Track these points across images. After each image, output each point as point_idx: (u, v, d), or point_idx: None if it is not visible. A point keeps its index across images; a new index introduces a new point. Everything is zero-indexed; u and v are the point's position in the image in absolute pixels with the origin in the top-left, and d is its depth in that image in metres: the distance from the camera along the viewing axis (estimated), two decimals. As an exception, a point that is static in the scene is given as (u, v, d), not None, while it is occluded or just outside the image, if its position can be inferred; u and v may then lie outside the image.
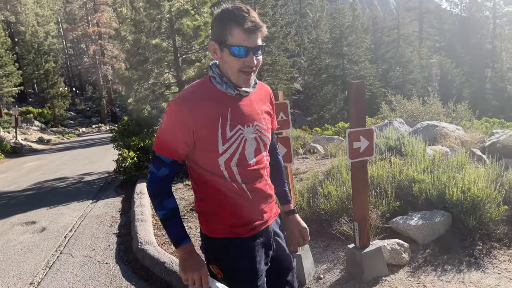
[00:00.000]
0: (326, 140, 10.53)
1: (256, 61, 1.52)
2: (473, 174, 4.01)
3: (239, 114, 1.58)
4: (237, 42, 1.47)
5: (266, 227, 1.71)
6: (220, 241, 1.65)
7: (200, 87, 1.59)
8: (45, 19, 42.96)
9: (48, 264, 4.33)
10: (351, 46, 33.91)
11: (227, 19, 1.49)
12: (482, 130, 10.17)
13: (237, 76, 1.53)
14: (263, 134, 1.66)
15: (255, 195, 1.65)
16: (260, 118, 1.65)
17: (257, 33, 1.49)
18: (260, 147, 1.66)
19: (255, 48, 1.50)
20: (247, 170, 1.61)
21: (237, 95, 1.58)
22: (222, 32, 1.50)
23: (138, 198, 6.46)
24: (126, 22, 17.53)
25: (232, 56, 1.50)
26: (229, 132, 1.55)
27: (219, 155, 1.55)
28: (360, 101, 3.00)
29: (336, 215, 4.11)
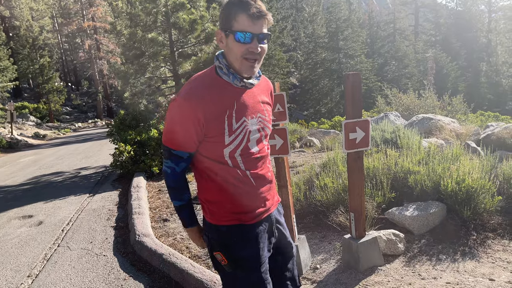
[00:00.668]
0: (323, 133, 10.57)
1: (260, 49, 1.53)
2: (468, 166, 4.05)
3: (244, 106, 1.61)
4: (242, 28, 1.49)
5: (268, 215, 1.75)
6: (224, 229, 1.67)
7: (207, 79, 1.60)
8: (40, 14, 42.57)
9: (45, 257, 4.34)
10: (347, 40, 33.95)
11: (233, 6, 1.51)
12: (477, 123, 10.24)
13: (240, 63, 1.54)
14: (265, 125, 1.70)
15: (258, 182, 1.69)
16: (263, 110, 1.69)
17: (262, 20, 1.51)
18: (262, 137, 1.70)
19: (260, 35, 1.51)
20: (250, 158, 1.65)
21: (242, 86, 1.60)
22: (228, 18, 1.52)
23: (135, 191, 6.47)
24: (121, 16, 17.45)
25: (236, 42, 1.51)
26: (235, 124, 1.58)
27: (225, 146, 1.58)
28: (356, 93, 3.02)
29: (332, 207, 4.15)
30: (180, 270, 3.48)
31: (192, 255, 3.93)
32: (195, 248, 4.09)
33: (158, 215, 5.45)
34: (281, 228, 1.84)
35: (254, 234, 1.69)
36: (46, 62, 32.83)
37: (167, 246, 4.08)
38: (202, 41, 11.36)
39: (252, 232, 1.69)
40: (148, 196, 6.51)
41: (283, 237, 1.85)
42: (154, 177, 8.00)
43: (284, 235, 1.86)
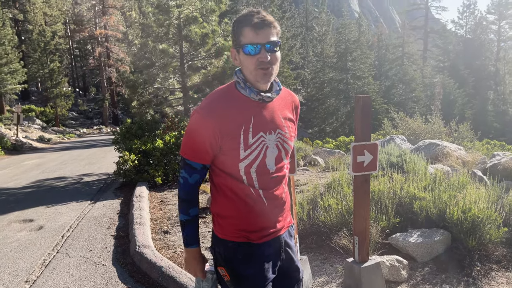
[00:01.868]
0: (327, 153, 10.54)
1: (270, 57, 1.53)
2: (474, 195, 4.01)
3: (262, 121, 1.60)
4: (248, 40, 1.52)
5: (278, 236, 1.72)
6: (231, 244, 1.66)
7: (225, 93, 1.62)
8: (53, 19, 43.23)
9: (44, 263, 4.31)
10: (356, 61, 34.12)
11: (239, 22, 1.56)
12: (483, 151, 10.20)
13: (255, 74, 1.55)
14: (285, 142, 1.67)
15: (271, 203, 1.66)
16: (283, 126, 1.67)
17: (266, 29, 1.52)
18: (282, 155, 1.67)
19: (267, 44, 1.52)
20: (266, 177, 1.63)
21: (260, 100, 1.59)
22: (236, 36, 1.56)
23: (137, 201, 6.44)
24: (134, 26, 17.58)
25: (246, 56, 1.54)
26: (251, 139, 1.57)
27: (240, 160, 1.57)
28: (366, 115, 3.02)
29: (336, 228, 4.11)
30: (180, 284, 3.44)
31: (192, 270, 3.89)
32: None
33: (159, 226, 5.42)
34: (289, 252, 1.80)
35: (260, 254, 1.67)
36: (56, 67, 33.18)
37: (167, 259, 4.04)
38: (212, 55, 11.48)
39: (258, 252, 1.67)
40: (150, 206, 6.48)
41: (291, 261, 1.81)
42: (156, 187, 7.98)
43: (292, 259, 1.82)
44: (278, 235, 1.73)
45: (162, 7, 11.17)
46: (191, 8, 11.50)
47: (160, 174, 8.08)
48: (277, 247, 1.73)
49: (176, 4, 11.28)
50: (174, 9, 11.16)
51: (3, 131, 20.43)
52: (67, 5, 49.93)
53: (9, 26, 30.94)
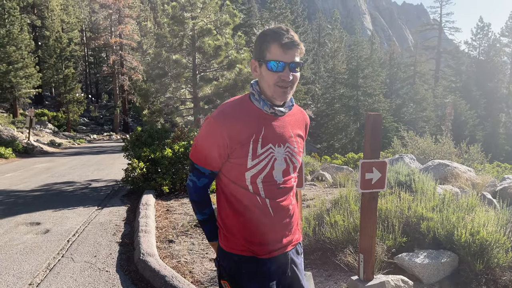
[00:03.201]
0: (335, 169, 10.51)
1: (292, 77, 1.56)
2: (483, 217, 3.96)
3: (272, 133, 1.62)
4: (274, 57, 1.54)
5: (284, 253, 1.70)
6: (236, 258, 1.65)
7: (239, 103, 1.65)
8: (70, 26, 44.10)
9: (48, 267, 4.33)
10: (367, 78, 34.17)
11: (267, 36, 1.58)
12: (493, 174, 10.08)
13: (273, 90, 1.58)
14: (294, 157, 1.68)
15: (277, 214, 1.65)
16: (292, 141, 1.68)
17: (293, 50, 1.55)
18: (290, 169, 1.68)
19: (292, 64, 1.55)
20: (273, 188, 1.63)
21: (272, 113, 1.62)
22: (261, 48, 1.58)
23: (144, 209, 6.46)
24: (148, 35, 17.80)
25: (269, 71, 1.56)
26: (259, 149, 1.59)
27: (247, 169, 1.58)
28: (376, 133, 3.03)
29: (341, 245, 4.08)
30: (182, 294, 3.42)
31: (195, 280, 3.88)
32: (198, 273, 4.04)
33: (164, 235, 5.42)
34: (295, 270, 1.77)
35: (266, 270, 1.65)
36: (71, 73, 33.71)
37: (170, 268, 4.03)
38: (224, 67, 11.58)
39: (264, 268, 1.65)
40: (156, 215, 6.49)
41: (296, 280, 1.78)
42: (163, 196, 8.00)
43: (298, 277, 1.79)
44: (284, 252, 1.70)
45: (177, 18, 11.34)
46: (206, 20, 11.66)
47: (167, 183, 8.11)
48: (283, 264, 1.71)
49: (191, 16, 11.45)
50: (189, 21, 11.33)
51: (15, 134, 20.71)
52: (84, 13, 51.01)
53: (26, 32, 31.61)
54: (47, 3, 40.63)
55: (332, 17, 56.30)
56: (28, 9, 39.18)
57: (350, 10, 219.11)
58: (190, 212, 6.57)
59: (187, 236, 5.31)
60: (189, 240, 5.12)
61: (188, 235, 5.33)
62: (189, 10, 11.45)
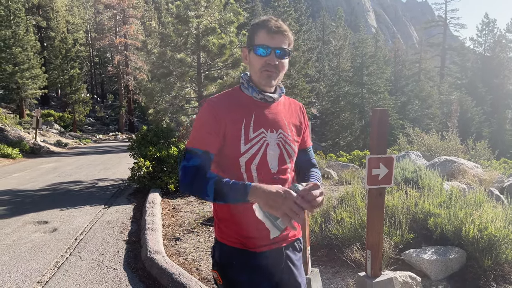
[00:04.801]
0: (341, 166, 10.48)
1: (277, 62, 1.58)
2: (491, 213, 3.94)
3: (263, 118, 1.64)
4: (260, 42, 1.59)
5: (277, 248, 1.67)
6: (226, 249, 1.65)
7: (230, 92, 1.70)
8: (75, 27, 44.31)
9: (57, 265, 4.36)
10: (372, 76, 34.01)
11: (256, 25, 1.63)
12: (500, 170, 10.01)
13: (259, 75, 1.61)
14: (288, 144, 1.67)
15: None
16: (286, 128, 1.68)
17: (280, 36, 1.58)
18: (284, 156, 1.66)
19: (278, 48, 1.58)
20: (267, 177, 1.61)
21: (261, 99, 1.64)
22: (251, 36, 1.64)
23: (150, 207, 6.49)
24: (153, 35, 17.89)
25: (256, 56, 1.60)
26: (251, 133, 1.60)
27: (241, 154, 1.58)
28: (382, 129, 3.01)
29: (348, 242, 4.07)
30: (189, 291, 3.43)
31: (202, 277, 3.89)
32: (205, 271, 4.05)
33: (170, 233, 5.44)
34: (291, 266, 1.71)
35: (256, 263, 1.62)
36: (76, 73, 33.87)
37: (177, 266, 4.05)
38: (229, 66, 11.57)
39: (253, 261, 1.62)
40: (162, 213, 6.51)
41: (291, 276, 1.72)
42: (169, 194, 8.02)
43: (294, 274, 1.72)
44: (278, 247, 1.67)
45: (182, 17, 11.35)
46: (210, 19, 11.66)
47: (173, 181, 8.13)
48: (277, 259, 1.67)
49: (196, 15, 11.45)
50: (193, 20, 11.33)
51: (22, 135, 20.85)
52: (89, 14, 51.20)
53: (32, 33, 31.77)
54: (52, 4, 40.84)
55: (336, 15, 56.12)
56: (34, 10, 39.39)
57: (354, 8, 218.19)
58: (196, 210, 6.58)
59: (194, 234, 5.32)
60: (196, 238, 5.13)
61: (195, 233, 5.34)
62: (193, 9, 11.46)
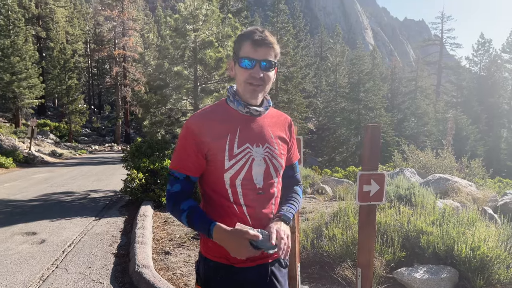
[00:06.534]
0: (336, 182, 10.44)
1: (262, 74, 1.55)
2: (484, 233, 3.91)
3: (249, 133, 1.60)
4: (245, 54, 1.55)
5: (263, 264, 1.64)
6: (212, 264, 1.62)
7: (215, 106, 1.66)
8: (75, 38, 44.56)
9: (42, 277, 4.26)
10: (368, 92, 34.25)
11: (241, 36, 1.60)
12: (494, 189, 10.00)
13: (244, 87, 1.58)
14: (274, 158, 1.63)
15: (255, 223, 1.58)
16: (273, 142, 1.64)
17: (266, 48, 1.55)
18: (270, 170, 1.62)
19: (263, 61, 1.54)
20: (252, 192, 1.58)
21: (247, 113, 1.61)
22: (236, 48, 1.60)
23: (141, 220, 6.41)
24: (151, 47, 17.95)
25: (241, 68, 1.57)
26: (236, 149, 1.56)
27: (225, 170, 1.55)
28: (374, 145, 2.99)
29: (339, 259, 4.01)
30: (176, 307, 3.36)
31: (190, 293, 3.81)
32: (194, 286, 3.97)
33: (160, 246, 5.35)
34: (276, 283, 1.67)
35: (240, 279, 1.60)
36: (74, 84, 33.93)
37: (165, 281, 3.97)
38: (225, 79, 11.61)
39: (238, 277, 1.60)
40: (153, 226, 6.43)
41: None
42: (162, 207, 7.94)
43: None
44: (263, 263, 1.64)
45: (180, 30, 11.42)
46: (208, 32, 11.74)
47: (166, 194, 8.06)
48: (261, 275, 1.63)
49: (194, 28, 11.53)
50: (191, 33, 11.41)
51: (16, 144, 20.73)
52: (89, 26, 51.61)
53: (31, 43, 31.92)
54: (53, 15, 41.14)
55: (334, 32, 56.87)
56: (33, 21, 39.61)
57: (352, 25, 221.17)
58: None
59: (184, 248, 5.24)
60: (186, 252, 5.05)
61: (185, 247, 5.26)
62: (191, 22, 11.54)
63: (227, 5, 34.54)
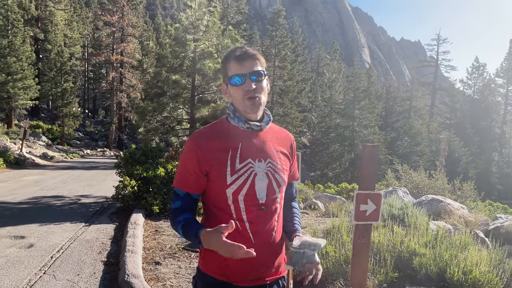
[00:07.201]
0: (328, 198, 10.45)
1: (255, 85, 1.56)
2: (476, 257, 3.92)
3: (251, 148, 1.60)
4: (233, 73, 1.58)
5: (263, 285, 1.63)
6: (212, 281, 1.60)
7: (217, 124, 1.68)
8: (73, 41, 44.54)
9: (29, 283, 4.18)
10: (363, 110, 34.51)
11: (225, 58, 1.63)
12: (485, 212, 10.06)
13: (243, 104, 1.58)
14: (277, 173, 1.62)
15: (259, 240, 1.57)
16: (275, 157, 1.64)
17: (250, 60, 1.57)
18: (273, 185, 1.60)
19: (251, 73, 1.56)
20: (254, 208, 1.57)
21: (248, 128, 1.61)
22: (224, 70, 1.63)
23: (132, 228, 6.33)
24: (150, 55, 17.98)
25: (233, 87, 1.59)
26: (238, 164, 1.56)
27: (227, 186, 1.55)
28: (372, 165, 3.01)
29: (332, 277, 3.99)
30: (165, 320, 3.30)
31: (179, 306, 3.76)
32: (184, 299, 3.92)
33: (151, 256, 5.29)
34: None
35: None
36: (69, 87, 33.80)
37: (155, 292, 3.91)
38: (223, 90, 11.64)
39: None
40: (144, 235, 6.36)
41: None
42: (153, 216, 7.87)
43: None
44: (263, 284, 1.63)
45: (180, 40, 11.48)
46: (208, 43, 11.80)
47: (158, 203, 7.99)
48: None
49: (194, 38, 11.59)
50: (190, 43, 11.46)
51: (8, 145, 20.52)
52: (88, 30, 51.69)
53: (28, 44, 31.85)
54: (52, 17, 41.17)
55: (331, 48, 57.37)
56: (32, 22, 39.59)
57: (350, 43, 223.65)
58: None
59: (175, 258, 5.19)
60: (176, 263, 5.00)
61: (176, 258, 5.21)
62: (191, 32, 11.60)
63: (227, 17, 34.86)
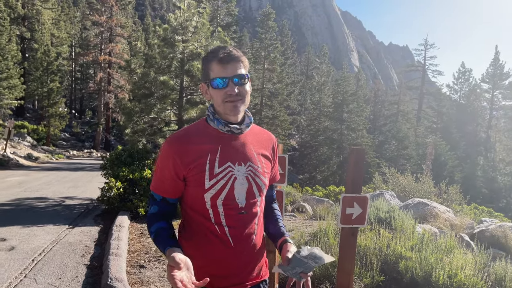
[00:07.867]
0: (316, 201, 10.45)
1: (237, 90, 1.51)
2: (461, 260, 3.93)
3: (231, 152, 1.55)
4: (215, 75, 1.52)
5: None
6: None
7: (195, 125, 1.62)
8: (60, 41, 43.98)
9: (9, 287, 4.07)
10: (352, 113, 34.73)
11: (207, 57, 1.57)
12: (470, 215, 10.16)
13: (223, 107, 1.53)
14: (257, 176, 1.59)
15: (238, 244, 1.55)
16: (256, 160, 1.60)
17: (233, 63, 1.52)
18: (253, 189, 1.57)
19: (234, 77, 1.51)
20: (233, 212, 1.53)
21: (228, 131, 1.56)
22: (205, 71, 1.57)
23: (117, 230, 6.23)
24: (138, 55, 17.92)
25: (215, 90, 1.53)
26: (217, 168, 1.52)
27: (205, 190, 1.50)
28: (359, 167, 2.99)
29: (318, 281, 3.97)
30: (148, 325, 3.24)
31: (163, 310, 3.69)
32: (168, 303, 3.85)
33: (135, 259, 5.21)
34: None
35: None
36: (55, 87, 33.34)
37: (138, 296, 3.84)
38: (211, 92, 11.57)
39: None
40: (129, 237, 6.27)
41: None
42: (139, 218, 7.77)
43: None
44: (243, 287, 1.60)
45: (168, 40, 11.38)
46: (196, 44, 11.72)
47: (144, 205, 7.90)
48: None
49: (182, 39, 11.51)
50: (179, 44, 11.38)
51: (-9, 145, 20.15)
52: (76, 29, 51.13)
53: (14, 43, 31.38)
54: (39, 16, 40.60)
55: (321, 52, 57.72)
56: (19, 21, 38.99)
57: (339, 47, 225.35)
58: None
59: (160, 262, 5.11)
60: (161, 267, 4.92)
61: (161, 261, 5.13)
62: (180, 33, 11.51)
63: (217, 19, 34.76)
